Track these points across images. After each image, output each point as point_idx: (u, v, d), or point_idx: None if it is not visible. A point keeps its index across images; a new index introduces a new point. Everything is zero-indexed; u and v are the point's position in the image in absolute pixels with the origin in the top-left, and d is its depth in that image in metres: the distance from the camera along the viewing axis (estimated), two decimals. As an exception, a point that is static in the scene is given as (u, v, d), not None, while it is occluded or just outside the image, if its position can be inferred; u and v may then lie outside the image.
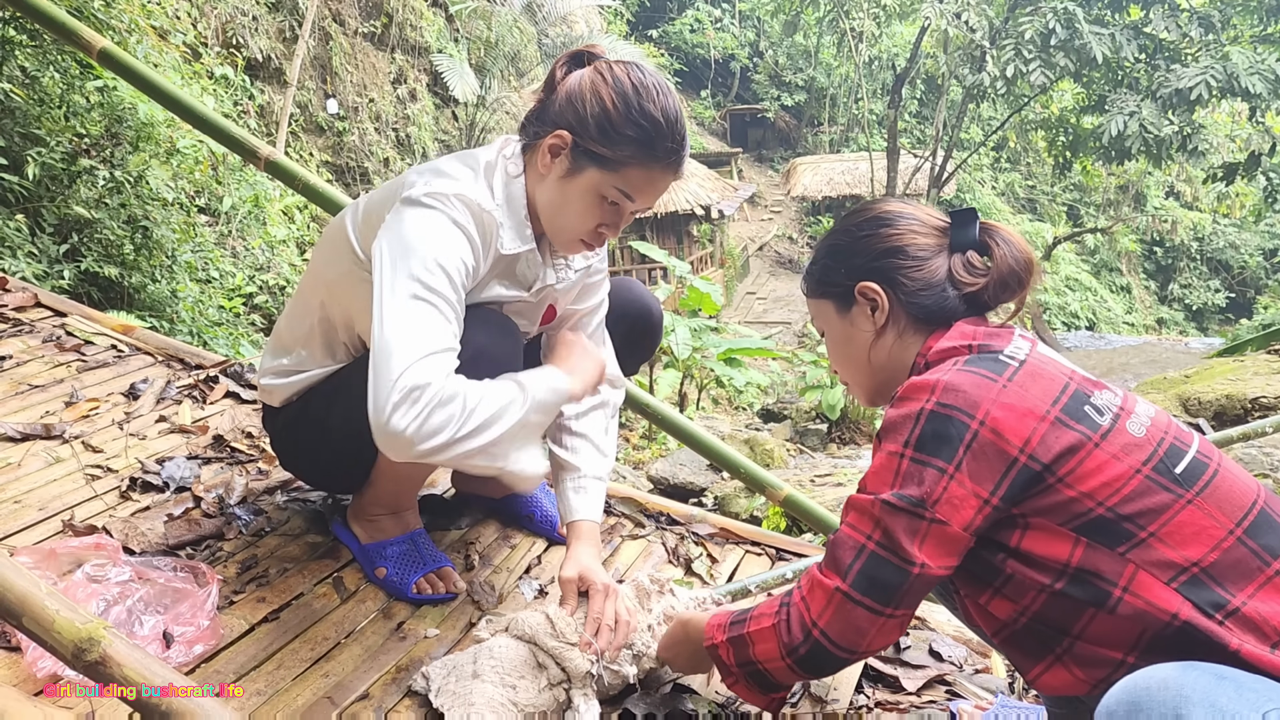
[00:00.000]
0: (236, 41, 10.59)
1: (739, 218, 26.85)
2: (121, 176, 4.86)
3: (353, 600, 1.96)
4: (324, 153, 12.75)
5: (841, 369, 1.59)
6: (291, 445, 2.07)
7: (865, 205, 1.55)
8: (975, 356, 1.33)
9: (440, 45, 15.52)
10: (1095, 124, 17.92)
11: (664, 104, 1.68)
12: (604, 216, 1.74)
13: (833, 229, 1.58)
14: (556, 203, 1.74)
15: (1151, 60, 16.89)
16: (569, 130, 1.68)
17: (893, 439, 1.29)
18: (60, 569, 1.77)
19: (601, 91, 1.67)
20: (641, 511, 2.58)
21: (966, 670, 2.04)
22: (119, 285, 4.98)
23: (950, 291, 1.43)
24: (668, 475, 6.14)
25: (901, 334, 1.46)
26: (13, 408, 2.55)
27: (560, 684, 1.64)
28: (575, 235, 1.77)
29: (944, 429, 1.24)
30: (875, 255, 1.46)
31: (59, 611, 1.32)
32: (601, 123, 1.66)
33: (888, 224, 1.48)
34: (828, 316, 1.56)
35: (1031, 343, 1.37)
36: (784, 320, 21.08)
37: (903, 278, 1.44)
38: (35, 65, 4.60)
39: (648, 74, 1.70)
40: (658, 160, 1.68)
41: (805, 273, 1.60)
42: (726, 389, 11.74)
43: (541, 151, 1.71)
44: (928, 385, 1.28)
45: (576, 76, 1.72)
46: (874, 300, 1.46)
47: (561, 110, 1.70)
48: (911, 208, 1.51)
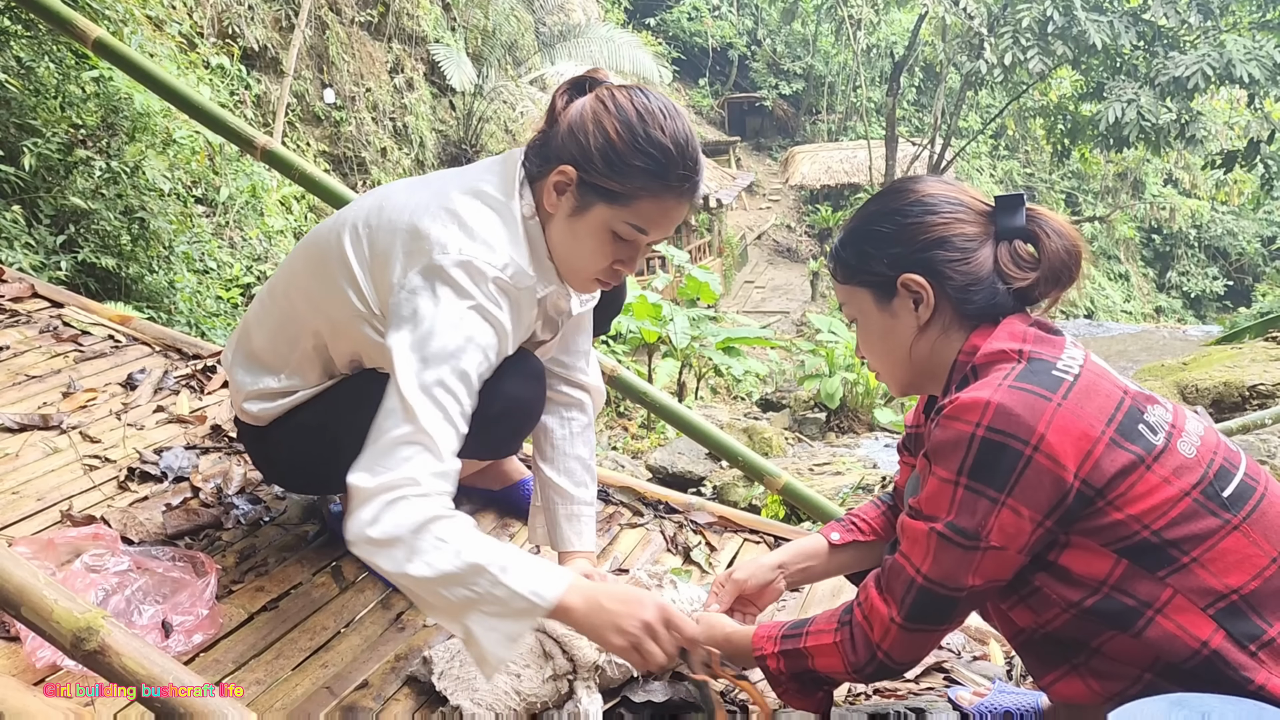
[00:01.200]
0: (232, 31, 10.55)
1: (737, 206, 26.81)
2: (118, 167, 4.84)
3: (351, 590, 1.96)
4: (321, 143, 12.71)
5: (875, 359, 1.50)
6: (282, 460, 1.96)
7: (903, 186, 1.44)
8: (1027, 369, 1.24)
9: (437, 34, 15.46)
10: (1093, 111, 17.88)
11: (673, 129, 1.56)
12: (618, 253, 1.63)
13: (868, 211, 1.45)
14: (568, 243, 1.63)
15: (1150, 47, 16.83)
16: (574, 165, 1.57)
17: (945, 464, 1.23)
18: (59, 559, 1.77)
19: (605, 121, 1.55)
20: (640, 500, 2.59)
21: (964, 657, 2.05)
22: (116, 276, 4.96)
23: (999, 286, 1.35)
24: (666, 464, 6.15)
25: (946, 329, 1.39)
26: (10, 398, 2.54)
27: (565, 675, 1.65)
28: (590, 275, 1.67)
29: (997, 456, 1.18)
30: (920, 246, 1.36)
31: (58, 601, 1.32)
32: (607, 155, 1.54)
33: (932, 210, 1.37)
34: (863, 305, 1.45)
35: (1085, 353, 1.30)
36: (782, 309, 21.06)
37: (950, 271, 1.35)
38: (30, 55, 4.58)
39: (653, 98, 1.59)
40: (670, 190, 1.58)
41: (834, 256, 1.48)
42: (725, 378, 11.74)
43: (547, 190, 1.61)
44: (978, 406, 1.20)
45: (578, 106, 1.60)
46: (919, 294, 1.37)
47: (564, 143, 1.58)
48: (955, 190, 1.41)
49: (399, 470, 1.39)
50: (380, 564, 1.38)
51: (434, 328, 1.47)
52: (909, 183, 1.45)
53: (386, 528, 1.36)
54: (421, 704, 1.65)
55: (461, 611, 1.39)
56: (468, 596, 1.38)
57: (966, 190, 1.42)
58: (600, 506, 2.52)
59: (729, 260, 23.31)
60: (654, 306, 9.85)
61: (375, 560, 1.38)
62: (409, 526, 1.36)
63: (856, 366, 11.07)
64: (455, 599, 1.38)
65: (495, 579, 1.37)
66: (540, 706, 1.61)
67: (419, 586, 1.38)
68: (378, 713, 1.63)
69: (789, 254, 26.77)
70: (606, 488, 2.61)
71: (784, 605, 2.18)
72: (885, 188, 1.49)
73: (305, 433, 1.84)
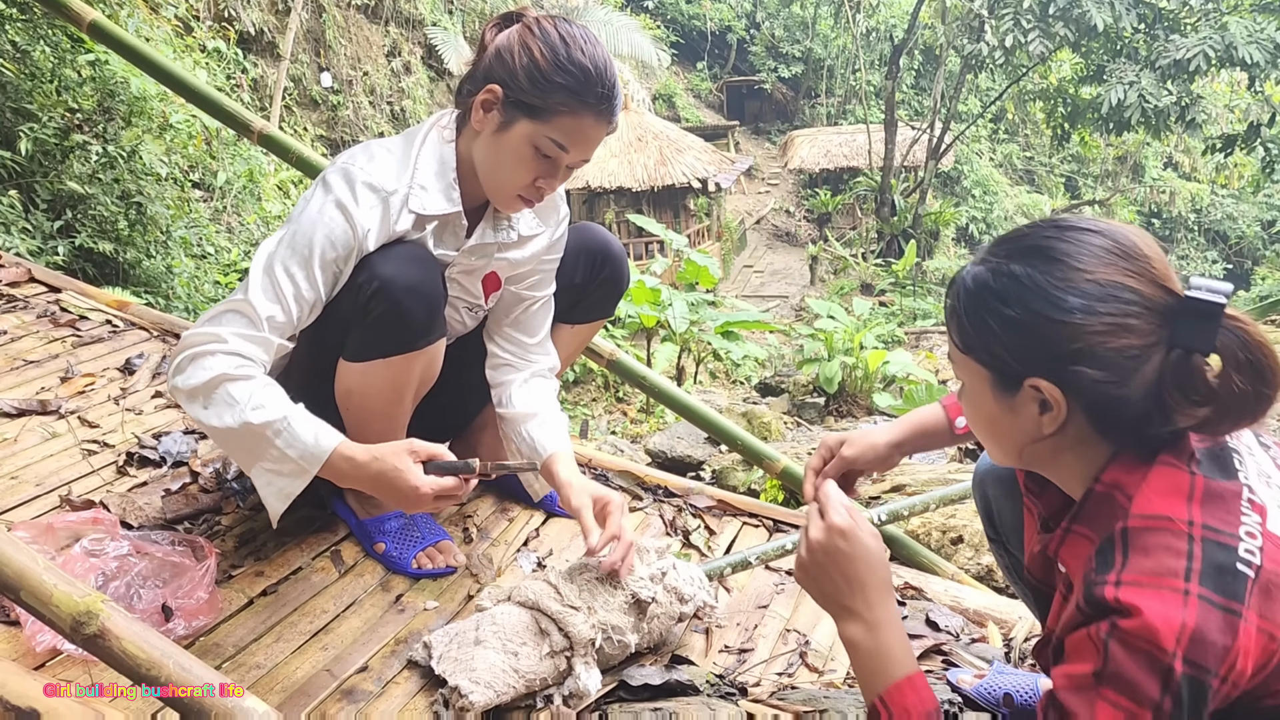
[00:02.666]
0: (229, 14, 10.50)
1: (736, 191, 26.76)
2: (115, 152, 4.82)
3: (351, 573, 1.97)
4: (318, 127, 12.68)
5: (981, 436, 1.27)
6: None
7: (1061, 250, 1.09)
8: (1209, 564, 1.00)
9: (434, 18, 15.40)
10: (1094, 94, 17.83)
11: (593, 53, 1.69)
12: (539, 169, 1.74)
13: (1005, 271, 1.12)
14: (492, 158, 1.75)
15: (1151, 30, 16.77)
16: (499, 84, 1.69)
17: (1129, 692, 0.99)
18: (58, 543, 1.77)
19: (530, 43, 1.68)
20: (639, 484, 2.59)
21: (963, 640, 2.06)
22: (114, 261, 4.95)
23: (1154, 416, 1.08)
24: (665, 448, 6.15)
25: (1078, 443, 1.15)
26: (8, 383, 2.54)
27: (562, 651, 1.65)
28: (512, 190, 1.78)
29: (1194, 691, 0.98)
30: (1064, 355, 1.07)
31: (57, 585, 1.32)
32: (531, 73, 1.67)
33: (1092, 309, 1.05)
34: (976, 382, 1.19)
35: (1262, 515, 1.05)
36: (781, 294, 21.05)
37: (1096, 390, 1.08)
38: (26, 39, 4.55)
39: (575, 26, 1.72)
40: (589, 107, 1.69)
41: (952, 309, 1.20)
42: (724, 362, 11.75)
43: (475, 108, 1.73)
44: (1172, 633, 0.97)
45: (506, 33, 1.73)
46: (1048, 404, 1.11)
47: (491, 66, 1.71)
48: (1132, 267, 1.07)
49: (213, 328, 1.60)
50: (187, 411, 1.61)
51: (300, 221, 1.68)
52: (1070, 245, 1.10)
53: (190, 379, 1.57)
54: (422, 686, 1.66)
55: (248, 463, 1.62)
56: (252, 450, 1.59)
57: (1150, 260, 1.08)
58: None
59: (728, 245, 23.28)
60: (653, 291, 9.84)
61: (184, 406, 1.60)
62: (207, 380, 1.56)
63: (855, 351, 11.07)
64: (243, 451, 1.61)
65: (271, 441, 1.57)
66: (540, 683, 1.62)
67: (214, 435, 1.63)
68: (378, 695, 1.63)
69: (788, 238, 26.73)
70: (605, 472, 2.61)
71: (782, 589, 2.19)
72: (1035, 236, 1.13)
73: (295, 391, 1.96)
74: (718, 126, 29.09)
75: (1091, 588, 1.03)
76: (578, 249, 2.14)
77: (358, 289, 1.71)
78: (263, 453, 1.58)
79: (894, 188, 22.77)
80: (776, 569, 2.27)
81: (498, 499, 2.36)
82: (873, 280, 21.18)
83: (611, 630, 1.71)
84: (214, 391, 1.56)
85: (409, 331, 1.76)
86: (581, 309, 2.22)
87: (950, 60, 22.07)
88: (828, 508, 1.28)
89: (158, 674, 1.27)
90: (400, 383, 1.82)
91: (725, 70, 33.43)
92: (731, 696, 1.69)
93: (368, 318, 1.72)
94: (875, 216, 23.42)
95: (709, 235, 22.46)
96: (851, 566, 1.24)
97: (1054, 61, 19.72)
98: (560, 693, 1.63)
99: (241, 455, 1.62)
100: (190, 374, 1.57)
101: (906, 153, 23.09)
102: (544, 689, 1.63)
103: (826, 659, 1.95)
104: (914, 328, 18.09)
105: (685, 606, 1.86)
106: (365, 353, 1.77)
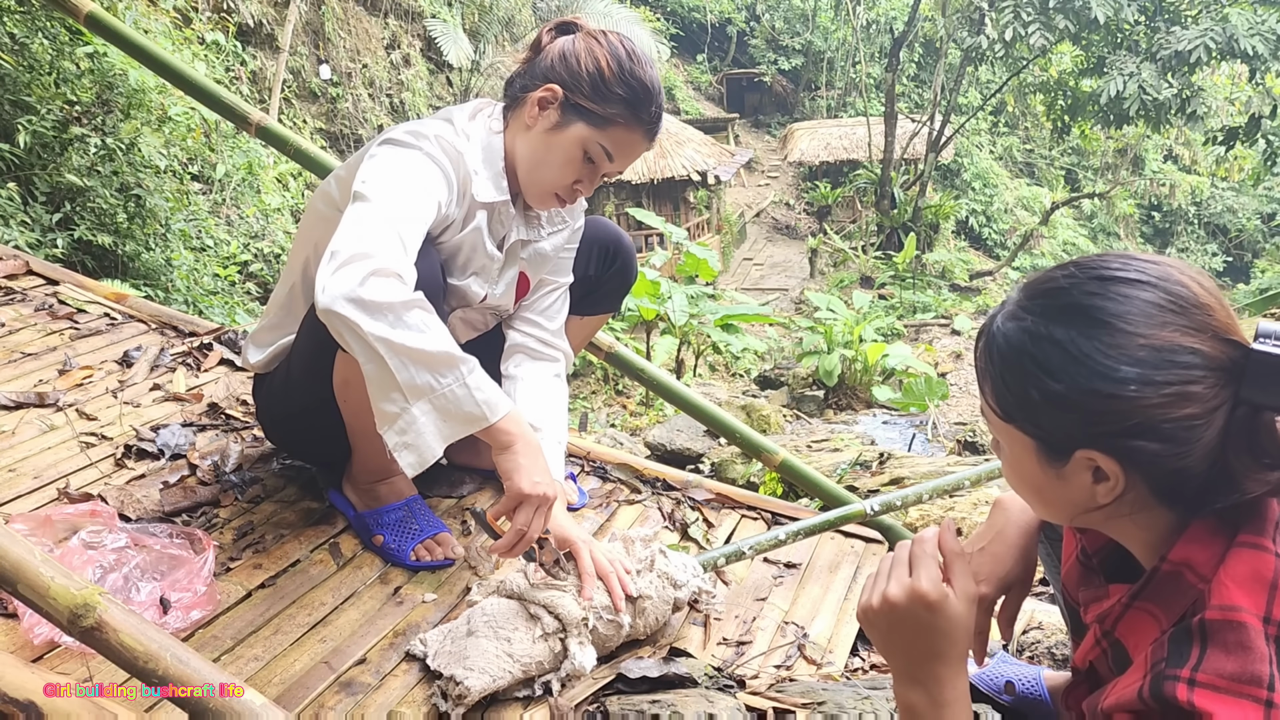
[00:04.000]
0: (227, 7, 10.47)
1: (736, 183, 26.72)
2: (113, 144, 4.81)
3: (349, 566, 1.97)
4: (318, 120, 12.65)
5: (1027, 500, 1.16)
6: (266, 412, 2.12)
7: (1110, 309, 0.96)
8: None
9: (434, 10, 15.36)
10: (1094, 87, 17.80)
11: (651, 74, 1.78)
12: (582, 172, 1.81)
13: (1045, 336, 1.00)
14: (539, 154, 1.80)
15: (1151, 22, 16.74)
16: (561, 85, 1.75)
17: None
18: (56, 536, 1.77)
19: (597, 52, 1.76)
20: (638, 477, 2.59)
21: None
22: (113, 254, 4.95)
23: (1221, 482, 0.98)
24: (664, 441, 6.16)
25: (1137, 511, 1.04)
26: (6, 376, 2.54)
27: (555, 634, 1.67)
28: (552, 188, 1.83)
29: None
30: (1119, 431, 0.96)
31: (54, 578, 1.32)
32: (595, 80, 1.74)
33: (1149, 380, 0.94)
34: (1019, 449, 1.07)
35: None
36: (781, 286, 21.04)
37: (1156, 462, 0.97)
38: (24, 31, 4.54)
39: (636, 45, 1.80)
40: (641, 123, 1.78)
41: (985, 373, 1.08)
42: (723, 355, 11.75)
43: (530, 104, 1.78)
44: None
45: (569, 39, 1.80)
46: (1102, 473, 1.01)
47: (553, 66, 1.77)
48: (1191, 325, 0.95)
49: (381, 253, 1.49)
50: (361, 323, 1.45)
51: (384, 167, 1.64)
52: (1117, 304, 0.97)
53: (377, 292, 1.45)
54: (420, 679, 1.66)
55: (416, 395, 1.49)
56: (429, 384, 1.49)
57: (1209, 310, 0.96)
58: (598, 484, 2.53)
59: (727, 237, 23.25)
60: (652, 284, 9.84)
61: (356, 318, 1.45)
62: (399, 299, 1.47)
63: (855, 344, 11.08)
64: (419, 381, 1.48)
65: (461, 377, 1.51)
66: (536, 668, 1.63)
67: (394, 353, 1.46)
68: (376, 688, 1.63)
69: (788, 231, 26.69)
70: (604, 464, 2.61)
71: (781, 581, 2.19)
72: (1076, 293, 0.99)
73: (281, 384, 1.99)
74: (717, 119, 29.02)
75: (1161, 682, 0.95)
76: (591, 241, 2.19)
77: None
78: (442, 387, 1.50)
79: (894, 180, 22.75)
80: (775, 561, 2.27)
81: (496, 493, 2.36)
82: (872, 273, 21.17)
83: (602, 609, 1.73)
84: (408, 312, 1.48)
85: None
86: (590, 300, 2.26)
87: (950, 53, 22.04)
88: (918, 565, 1.09)
89: (155, 666, 1.27)
90: None
91: (725, 63, 33.33)
92: (730, 689, 1.69)
93: None
94: (875, 209, 23.40)
95: (708, 228, 22.44)
96: (928, 639, 1.08)
97: (1054, 54, 19.67)
98: (558, 678, 1.64)
99: (411, 384, 1.49)
100: (375, 288, 1.46)
101: (906, 145, 23.05)
102: (541, 674, 1.64)
103: (825, 651, 1.95)
104: (913, 321, 18.09)
105: (680, 592, 1.87)
106: None
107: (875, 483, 3.95)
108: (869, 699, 1.64)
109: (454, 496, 2.30)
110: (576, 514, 2.35)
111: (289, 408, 2.01)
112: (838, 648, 1.97)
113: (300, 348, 1.92)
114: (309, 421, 2.00)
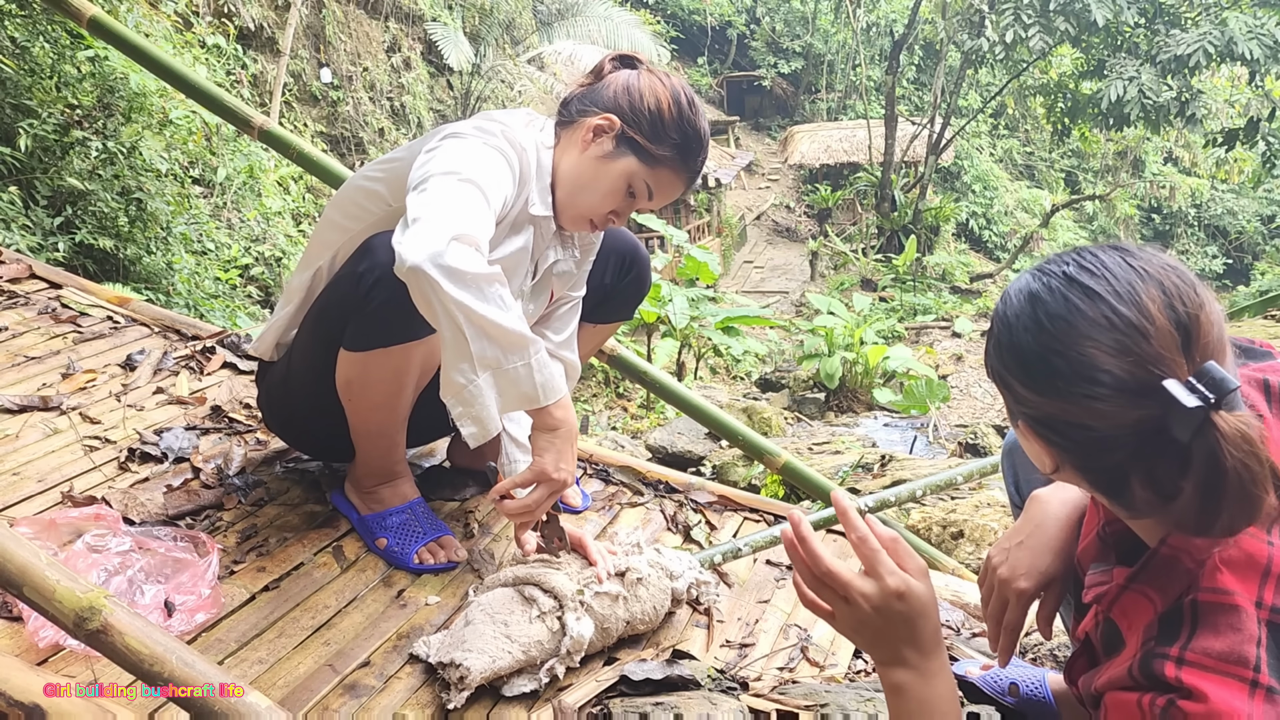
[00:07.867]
0: (228, 10, 10.49)
1: (736, 186, 26.74)
2: (114, 148, 4.82)
3: (353, 569, 1.97)
4: (318, 123, 12.66)
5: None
6: (266, 401, 2.12)
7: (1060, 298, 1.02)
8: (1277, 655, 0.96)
9: (434, 13, 15.37)
10: (1094, 89, 17.81)
11: (704, 125, 1.83)
12: (621, 204, 1.84)
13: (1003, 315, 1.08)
14: (586, 178, 1.81)
15: (1151, 24, 16.75)
16: (619, 116, 1.78)
17: None
18: (60, 539, 1.77)
19: (659, 92, 1.79)
20: (640, 480, 2.59)
21: (964, 634, 2.06)
22: (114, 257, 4.95)
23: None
24: (666, 444, 6.16)
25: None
26: (9, 379, 2.54)
27: (551, 612, 1.69)
28: (589, 213, 1.85)
29: None
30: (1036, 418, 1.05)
31: (60, 581, 1.32)
32: (655, 119, 1.78)
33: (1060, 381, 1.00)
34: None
35: None
36: (781, 289, 21.05)
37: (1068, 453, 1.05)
38: (25, 35, 4.55)
39: (695, 94, 1.85)
40: (687, 170, 1.83)
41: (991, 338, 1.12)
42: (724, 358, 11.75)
43: (585, 128, 1.80)
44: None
45: (632, 73, 1.83)
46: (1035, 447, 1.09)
47: (615, 97, 1.80)
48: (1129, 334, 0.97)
49: (463, 221, 1.51)
50: (446, 287, 1.45)
51: (455, 156, 1.64)
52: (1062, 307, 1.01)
53: (460, 260, 1.46)
54: (424, 681, 1.66)
55: (483, 365, 1.52)
56: (497, 357, 1.52)
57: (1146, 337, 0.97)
58: (600, 486, 2.53)
59: (728, 240, 23.27)
60: (653, 286, 9.85)
61: (441, 280, 1.45)
62: (481, 270, 1.48)
63: (855, 346, 11.08)
64: (488, 354, 1.51)
65: (528, 358, 1.54)
66: (536, 648, 1.65)
67: (472, 323, 1.48)
68: (380, 690, 1.63)
69: (788, 234, 26.72)
70: (606, 467, 2.62)
71: (783, 583, 2.19)
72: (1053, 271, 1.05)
73: (293, 373, 1.98)
74: (718, 122, 29.05)
75: (1151, 659, 0.99)
76: (608, 250, 2.19)
77: (358, 278, 1.72)
78: (509, 363, 1.53)
79: (894, 183, 22.76)
80: (777, 563, 2.27)
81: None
82: (873, 276, 21.19)
83: (594, 583, 1.76)
84: (490, 286, 1.50)
85: (409, 320, 1.76)
86: (605, 309, 2.26)
87: (950, 55, 22.07)
88: (876, 564, 1.15)
89: (160, 669, 1.27)
90: (401, 373, 1.82)
91: (725, 65, 33.37)
92: (733, 691, 1.69)
93: (368, 307, 1.72)
94: (875, 212, 23.42)
95: (709, 231, 22.46)
96: (907, 626, 1.14)
97: (1054, 56, 19.70)
98: (561, 662, 1.66)
99: (482, 356, 1.51)
100: (459, 257, 1.47)
101: (907, 148, 23.07)
102: (542, 656, 1.65)
103: (827, 653, 1.96)
104: (914, 323, 18.10)
105: (677, 583, 1.90)
106: (365, 342, 1.77)
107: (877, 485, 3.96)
108: (872, 701, 1.64)
109: (457, 499, 2.30)
110: (579, 516, 2.35)
111: (289, 401, 2.03)
112: (840, 649, 1.98)
113: (301, 346, 1.93)
114: (309, 414, 2.02)
